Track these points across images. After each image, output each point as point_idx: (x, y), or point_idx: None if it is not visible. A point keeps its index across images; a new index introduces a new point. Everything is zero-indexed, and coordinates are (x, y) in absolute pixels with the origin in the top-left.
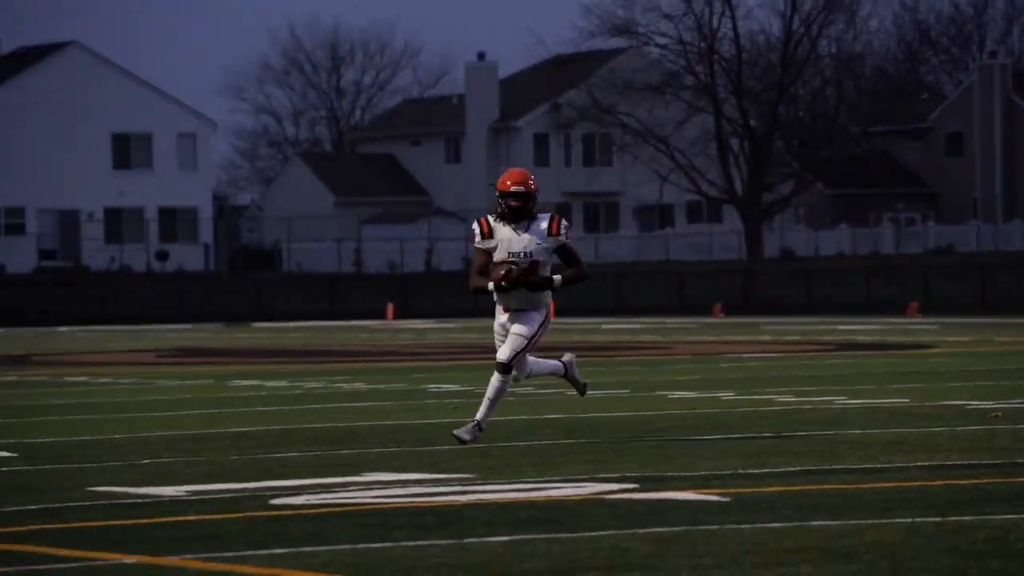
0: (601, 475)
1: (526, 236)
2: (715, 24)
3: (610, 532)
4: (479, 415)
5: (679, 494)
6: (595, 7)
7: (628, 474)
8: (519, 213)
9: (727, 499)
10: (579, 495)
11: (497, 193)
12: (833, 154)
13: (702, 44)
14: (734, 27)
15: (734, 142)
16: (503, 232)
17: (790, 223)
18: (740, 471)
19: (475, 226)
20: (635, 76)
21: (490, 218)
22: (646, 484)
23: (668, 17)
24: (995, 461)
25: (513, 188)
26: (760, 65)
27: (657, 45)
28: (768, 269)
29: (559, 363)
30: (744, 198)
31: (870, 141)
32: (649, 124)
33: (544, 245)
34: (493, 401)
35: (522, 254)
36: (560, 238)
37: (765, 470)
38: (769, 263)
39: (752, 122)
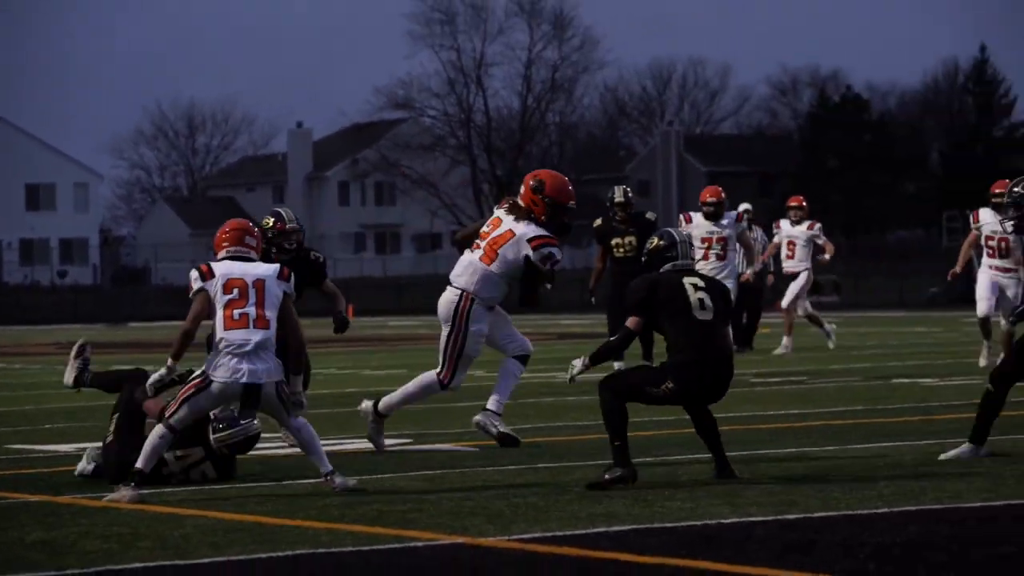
0: (387, 432)
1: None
2: (471, 101)
3: (391, 474)
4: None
5: (441, 445)
6: (383, 88)
7: (405, 431)
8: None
9: (476, 449)
10: (368, 448)
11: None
12: None
13: (461, 115)
14: (484, 103)
15: (485, 187)
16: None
17: None
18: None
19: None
20: (413, 139)
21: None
22: (418, 439)
23: (437, 95)
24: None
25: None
26: (504, 130)
27: (429, 116)
28: None
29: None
30: None
31: (583, 187)
32: (423, 174)
33: None
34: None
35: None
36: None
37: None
38: None
39: (498, 172)
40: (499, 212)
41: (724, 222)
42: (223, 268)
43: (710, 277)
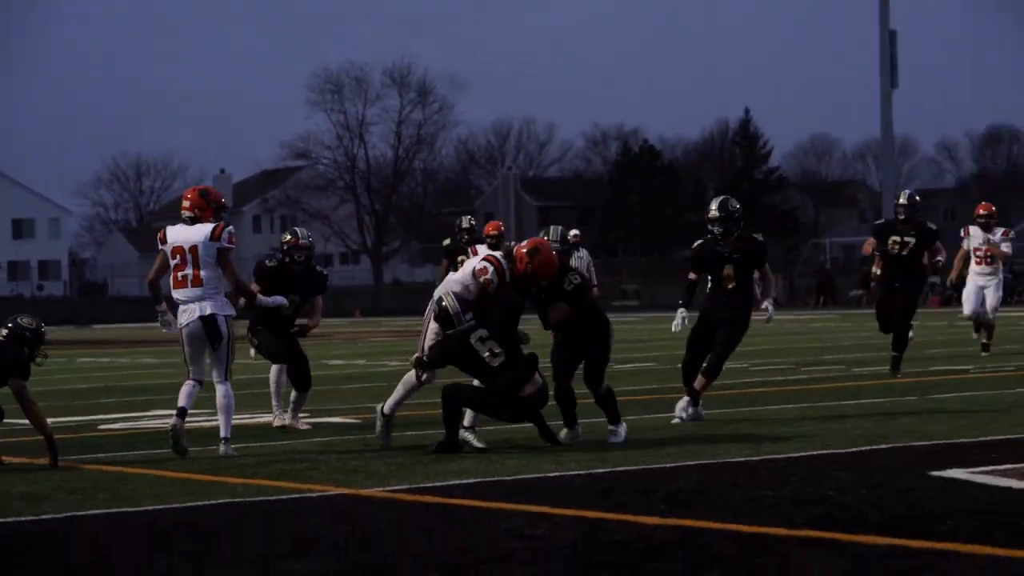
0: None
1: None
2: (355, 151)
3: (291, 440)
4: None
5: (332, 419)
6: (287, 142)
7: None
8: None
9: (359, 421)
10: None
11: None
12: (423, 226)
13: (348, 163)
14: (366, 153)
15: (367, 218)
16: None
17: (398, 264)
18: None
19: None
20: (310, 181)
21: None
22: (314, 414)
23: (328, 148)
24: None
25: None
26: (380, 174)
27: (322, 163)
28: (386, 290)
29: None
30: (373, 250)
31: (442, 218)
32: (318, 209)
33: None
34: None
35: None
36: None
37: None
38: (387, 286)
39: (376, 207)
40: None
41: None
42: (172, 235)
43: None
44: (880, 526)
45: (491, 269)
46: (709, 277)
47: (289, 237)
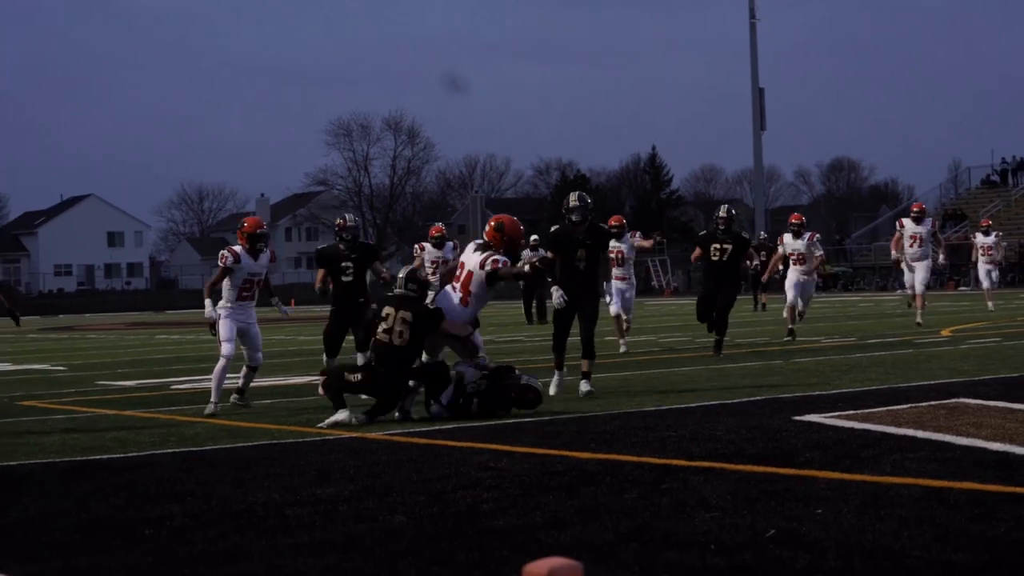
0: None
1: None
2: (361, 179)
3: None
4: None
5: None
6: (311, 173)
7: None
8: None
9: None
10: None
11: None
12: (412, 235)
13: (356, 188)
14: (369, 182)
15: (371, 230)
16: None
17: (394, 263)
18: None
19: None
20: (328, 202)
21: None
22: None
23: (341, 177)
24: None
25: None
26: (380, 197)
27: (337, 188)
28: (383, 287)
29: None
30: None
31: (425, 230)
32: (334, 222)
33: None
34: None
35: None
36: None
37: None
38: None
39: (378, 221)
40: (469, 248)
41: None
42: (245, 262)
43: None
44: (755, 458)
45: (500, 259)
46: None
47: (339, 221)
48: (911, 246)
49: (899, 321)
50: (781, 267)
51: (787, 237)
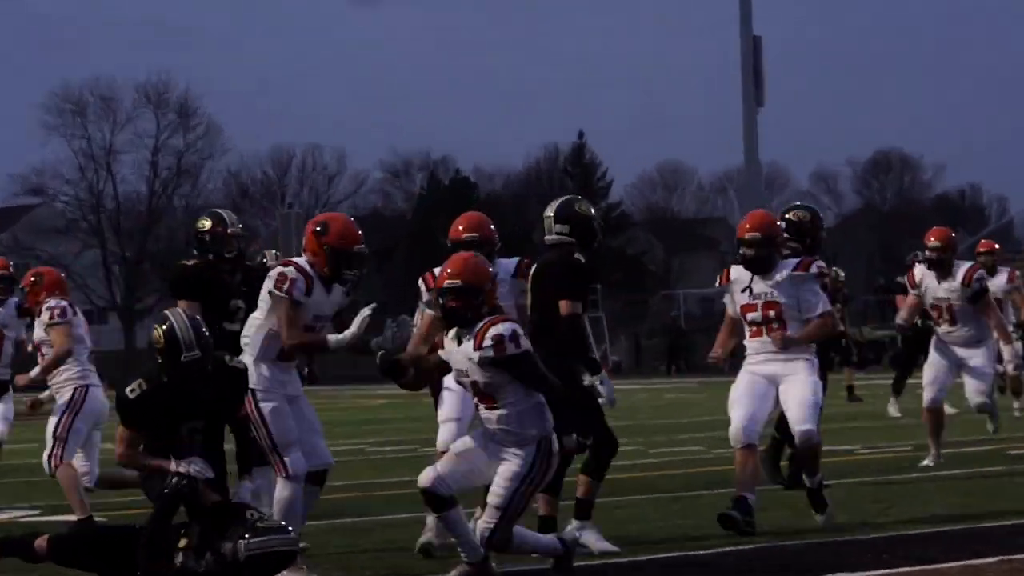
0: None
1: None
2: (101, 186)
3: None
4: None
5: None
6: (17, 175)
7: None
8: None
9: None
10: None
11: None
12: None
13: (92, 199)
14: (114, 188)
15: (115, 267)
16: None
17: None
18: None
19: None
20: (47, 220)
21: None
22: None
23: (68, 182)
24: None
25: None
26: (132, 213)
27: (61, 200)
28: (141, 355)
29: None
30: (123, 306)
31: None
32: (55, 255)
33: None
34: None
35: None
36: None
37: None
38: (142, 351)
39: (127, 253)
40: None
41: None
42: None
43: None
44: None
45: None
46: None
47: (205, 223)
48: (943, 320)
49: (980, 419)
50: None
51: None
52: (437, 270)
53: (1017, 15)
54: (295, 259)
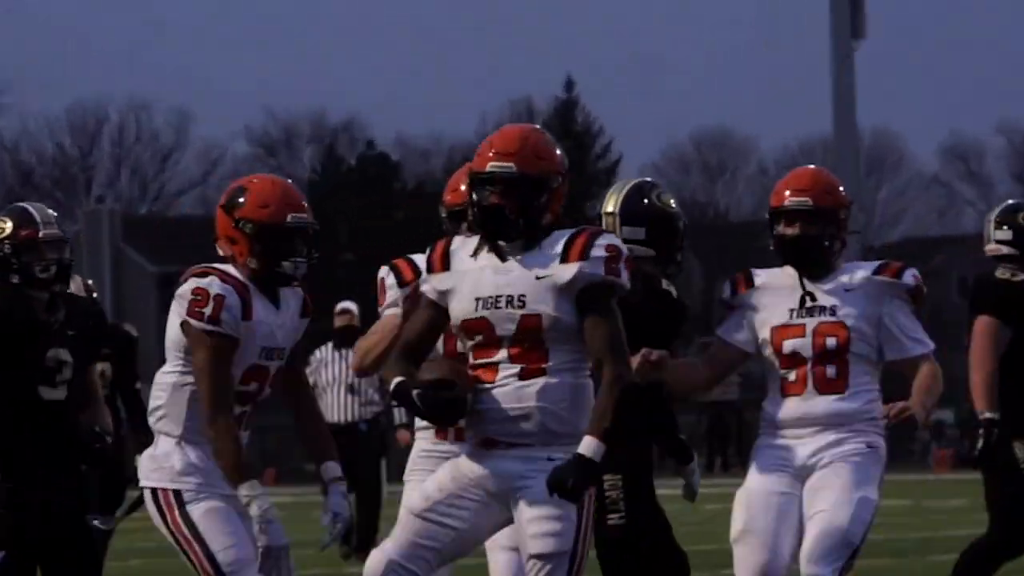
0: None
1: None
2: None
3: None
4: None
5: None
6: None
7: None
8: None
9: None
10: None
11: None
12: None
13: None
14: None
15: None
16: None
17: None
18: None
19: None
20: None
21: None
22: None
23: None
24: None
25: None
26: None
27: None
28: None
29: None
30: None
31: None
32: None
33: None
34: None
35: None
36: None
37: None
38: None
39: None
40: None
41: None
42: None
43: None
44: None
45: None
46: None
47: (8, 225)
48: None
49: None
50: None
51: None
52: (418, 257)
53: None
54: (215, 265)
